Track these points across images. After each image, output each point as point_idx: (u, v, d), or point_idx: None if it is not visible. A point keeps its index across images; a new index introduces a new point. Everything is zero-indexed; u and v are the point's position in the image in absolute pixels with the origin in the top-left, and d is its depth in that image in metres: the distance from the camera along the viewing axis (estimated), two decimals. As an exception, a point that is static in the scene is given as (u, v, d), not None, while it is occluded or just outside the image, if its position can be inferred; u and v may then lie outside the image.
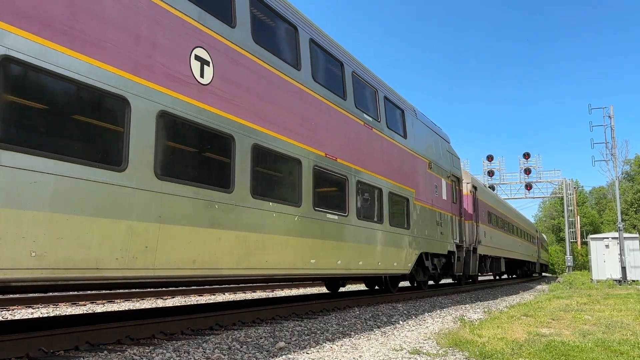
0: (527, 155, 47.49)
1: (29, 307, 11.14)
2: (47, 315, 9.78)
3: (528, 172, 47.23)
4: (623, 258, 26.56)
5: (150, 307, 11.48)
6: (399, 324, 8.60)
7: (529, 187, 47.63)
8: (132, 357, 5.11)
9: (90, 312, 10.17)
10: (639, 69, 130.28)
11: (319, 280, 18.51)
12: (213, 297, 14.94)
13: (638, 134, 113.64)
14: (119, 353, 5.21)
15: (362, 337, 7.06)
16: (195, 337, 6.43)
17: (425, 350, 5.89)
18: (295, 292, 17.34)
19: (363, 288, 19.07)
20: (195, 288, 16.04)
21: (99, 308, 11.39)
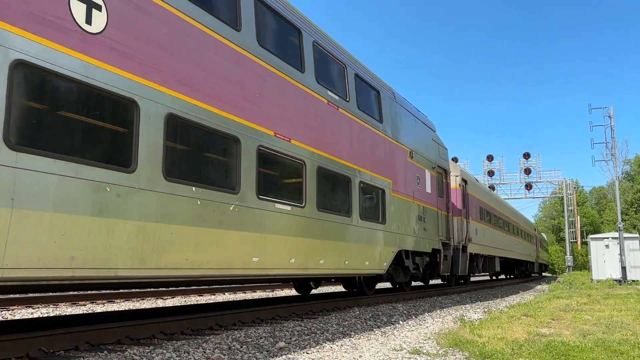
0: (527, 155, 47.54)
1: (29, 307, 11.14)
2: (47, 315, 9.79)
3: (528, 172, 47.27)
4: (623, 258, 26.57)
5: (150, 307, 11.48)
6: (399, 324, 8.60)
7: (529, 187, 47.67)
8: (132, 357, 5.11)
9: (90, 312, 10.17)
10: (639, 69, 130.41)
11: (266, 283, 16.59)
12: (213, 297, 14.95)
13: (638, 134, 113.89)
14: (119, 353, 5.21)
15: (362, 337, 7.06)
16: (195, 337, 6.43)
17: (425, 350, 5.89)
18: (295, 292, 17.29)
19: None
20: (195, 288, 16.05)
21: (99, 308, 11.39)
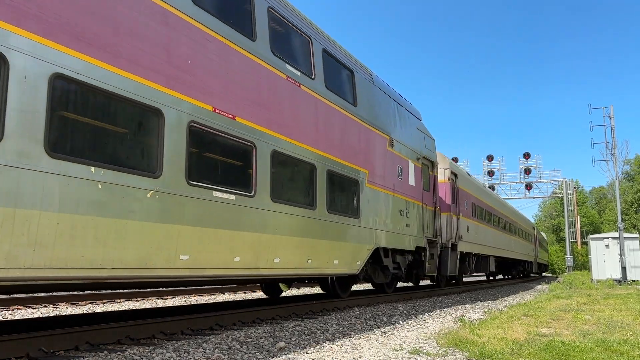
0: (527, 155, 47.58)
1: (29, 307, 11.14)
2: (47, 315, 9.79)
3: (528, 172, 47.30)
4: (623, 258, 26.58)
5: (150, 307, 11.48)
6: (399, 324, 8.60)
7: (529, 187, 47.70)
8: (132, 357, 5.12)
9: (90, 312, 10.17)
10: (639, 69, 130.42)
11: (195, 286, 13.80)
12: (213, 297, 14.95)
13: (638, 134, 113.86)
14: (119, 353, 5.21)
15: (362, 337, 7.06)
16: (195, 337, 6.43)
17: (425, 350, 5.89)
18: (295, 292, 17.33)
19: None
20: (196, 288, 16.05)
21: (99, 308, 11.40)
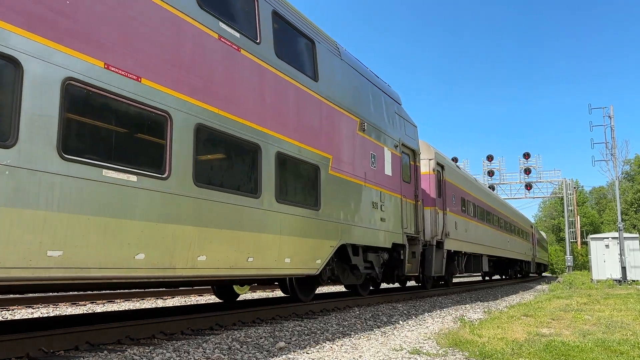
0: (527, 155, 47.59)
1: (29, 307, 11.15)
2: (47, 315, 9.80)
3: (528, 172, 47.32)
4: (623, 258, 26.59)
5: (150, 307, 11.49)
6: (399, 324, 8.60)
7: (529, 187, 47.72)
8: (132, 357, 5.12)
9: (90, 312, 10.18)
10: (639, 69, 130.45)
11: (93, 290, 11.32)
12: (213, 297, 14.95)
13: (638, 134, 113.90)
14: (119, 353, 5.21)
15: (362, 337, 7.06)
16: (195, 337, 6.43)
17: (425, 350, 5.89)
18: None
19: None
20: (196, 288, 16.05)
21: (99, 308, 11.40)
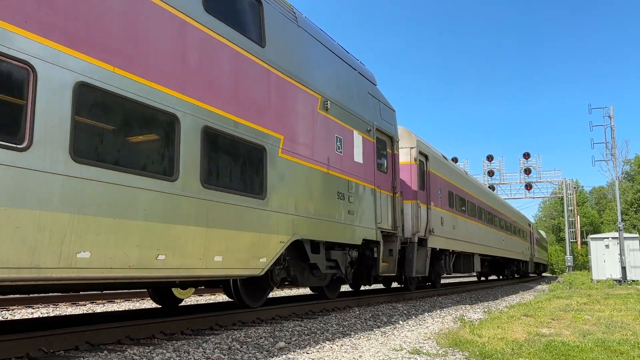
0: (527, 155, 47.64)
1: (29, 307, 11.15)
2: (47, 315, 9.80)
3: (528, 172, 47.36)
4: (623, 258, 26.60)
5: (150, 307, 11.49)
6: (399, 324, 8.60)
7: (529, 187, 47.75)
8: (132, 357, 5.12)
9: (90, 312, 10.18)
10: (639, 69, 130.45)
11: None
12: (213, 297, 14.96)
13: (638, 134, 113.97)
14: (119, 353, 5.21)
15: (362, 337, 7.06)
16: (195, 337, 6.43)
17: (425, 350, 5.89)
18: (296, 292, 17.32)
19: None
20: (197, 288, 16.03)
21: (99, 308, 11.41)
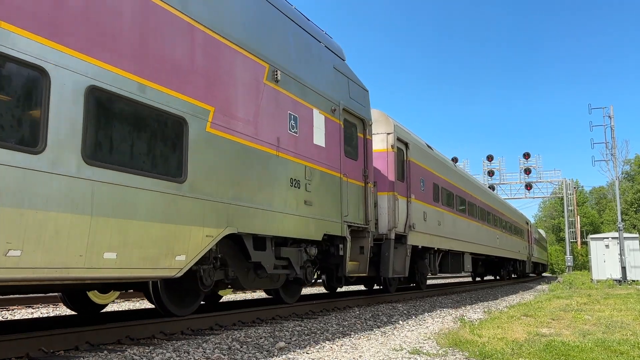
0: (527, 155, 47.67)
1: (29, 307, 11.15)
2: (47, 316, 9.79)
3: (528, 172, 47.38)
4: (623, 258, 26.61)
5: (150, 307, 11.47)
6: (399, 324, 8.60)
7: (529, 187, 47.78)
8: (132, 357, 5.11)
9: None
10: (639, 69, 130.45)
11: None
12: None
13: (638, 134, 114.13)
14: (119, 353, 5.21)
15: (362, 337, 7.06)
16: (195, 337, 6.43)
17: (425, 350, 5.89)
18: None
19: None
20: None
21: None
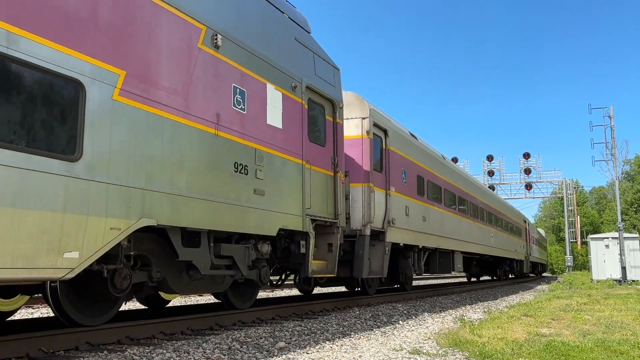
0: (527, 155, 47.67)
1: (29, 307, 11.14)
2: (47, 316, 9.79)
3: (528, 172, 47.39)
4: (623, 258, 26.62)
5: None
6: (399, 324, 8.60)
7: (529, 187, 47.79)
8: (132, 357, 5.12)
9: (90, 312, 10.16)
10: (639, 69, 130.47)
11: None
12: (213, 297, 14.93)
13: (638, 134, 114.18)
14: (119, 353, 5.21)
15: (362, 337, 7.06)
16: (195, 337, 6.43)
17: (425, 350, 5.89)
18: (296, 292, 17.32)
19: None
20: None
21: (99, 308, 11.38)
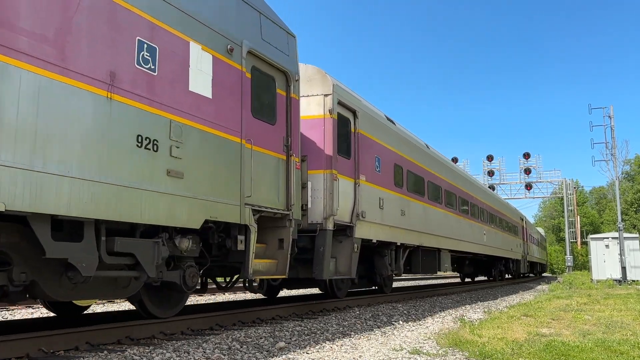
0: (527, 155, 47.65)
1: (29, 307, 11.15)
2: (47, 316, 9.79)
3: (528, 172, 47.38)
4: (623, 258, 26.62)
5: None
6: (399, 324, 8.60)
7: (529, 187, 47.78)
8: (132, 357, 5.12)
9: (90, 312, 10.17)
10: (639, 69, 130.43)
11: None
12: (213, 297, 14.95)
13: (638, 134, 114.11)
14: (119, 353, 5.21)
15: (362, 337, 7.06)
16: (195, 337, 6.43)
17: (425, 350, 5.89)
18: (295, 292, 17.33)
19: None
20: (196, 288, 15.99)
21: (99, 308, 11.40)
